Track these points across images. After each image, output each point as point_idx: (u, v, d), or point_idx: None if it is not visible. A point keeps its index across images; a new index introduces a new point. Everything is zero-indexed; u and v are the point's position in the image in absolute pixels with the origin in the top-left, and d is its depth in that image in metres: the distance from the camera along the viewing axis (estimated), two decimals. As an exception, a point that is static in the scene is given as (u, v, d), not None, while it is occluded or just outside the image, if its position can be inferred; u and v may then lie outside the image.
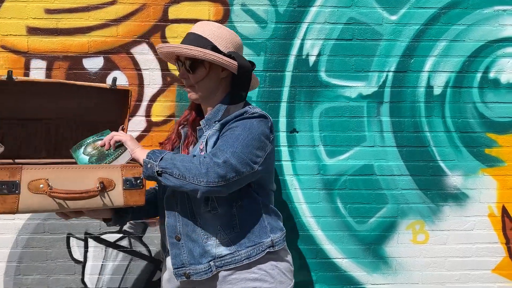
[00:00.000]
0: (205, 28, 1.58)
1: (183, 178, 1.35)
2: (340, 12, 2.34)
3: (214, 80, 1.57)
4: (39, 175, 1.30)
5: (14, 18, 2.26)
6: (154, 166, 1.38)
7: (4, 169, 1.25)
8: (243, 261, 1.49)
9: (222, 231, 1.50)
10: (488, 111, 2.43)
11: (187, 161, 1.37)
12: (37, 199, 1.30)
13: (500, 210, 2.50)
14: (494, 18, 2.36)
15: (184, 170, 1.35)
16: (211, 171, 1.33)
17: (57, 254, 2.43)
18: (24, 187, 1.27)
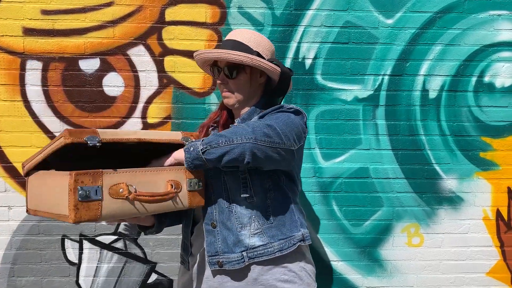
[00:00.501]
0: (245, 35, 1.59)
1: (230, 142, 1.34)
2: (336, 15, 2.35)
3: (254, 85, 1.60)
4: (118, 179, 1.25)
5: (10, 19, 2.26)
6: (197, 145, 1.37)
7: (86, 174, 1.19)
8: (276, 253, 1.50)
9: (256, 221, 1.51)
10: (483, 115, 2.44)
11: (234, 128, 1.39)
12: (117, 204, 1.25)
13: (494, 213, 2.51)
14: (489, 22, 2.38)
15: (231, 135, 1.35)
16: (257, 129, 1.35)
17: (52, 256, 2.42)
18: (105, 192, 1.22)
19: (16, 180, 2.36)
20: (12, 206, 2.37)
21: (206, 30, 2.32)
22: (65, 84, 2.32)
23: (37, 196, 1.34)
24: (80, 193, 1.17)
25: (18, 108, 2.32)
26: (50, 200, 1.26)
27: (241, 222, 1.50)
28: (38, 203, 1.33)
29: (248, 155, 1.35)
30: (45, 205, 1.29)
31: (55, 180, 1.24)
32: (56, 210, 1.23)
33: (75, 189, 1.17)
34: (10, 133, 2.33)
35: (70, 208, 1.17)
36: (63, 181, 1.19)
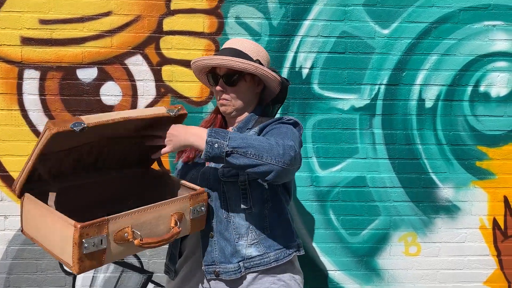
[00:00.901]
0: (243, 43, 1.61)
1: (258, 158, 1.29)
2: (333, 25, 2.36)
3: (252, 93, 1.60)
4: (123, 224, 1.20)
5: (8, 28, 2.26)
6: (223, 146, 1.29)
7: (92, 225, 1.13)
8: (272, 263, 1.50)
9: (253, 232, 1.51)
10: (479, 124, 2.45)
11: (262, 141, 1.32)
12: (121, 248, 1.21)
13: (491, 222, 2.51)
14: (484, 33, 2.40)
15: (262, 150, 1.29)
16: (286, 153, 1.31)
17: (48, 266, 2.40)
18: (111, 239, 1.18)
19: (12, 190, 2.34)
20: (8, 216, 2.36)
21: (204, 39, 2.33)
22: (62, 93, 2.32)
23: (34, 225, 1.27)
24: (86, 246, 1.12)
25: (15, 117, 2.32)
26: (51, 239, 1.21)
27: (238, 232, 1.50)
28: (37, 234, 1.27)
29: (272, 176, 1.31)
30: (44, 240, 1.24)
31: (57, 224, 1.17)
32: (58, 252, 1.19)
33: (80, 243, 1.11)
34: (6, 142, 2.32)
35: (74, 261, 1.12)
36: (66, 229, 1.13)
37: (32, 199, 1.28)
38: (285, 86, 1.60)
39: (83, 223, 1.11)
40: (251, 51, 1.58)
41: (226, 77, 1.55)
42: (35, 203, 1.27)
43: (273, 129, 1.49)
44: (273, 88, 1.60)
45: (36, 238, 1.28)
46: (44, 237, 1.24)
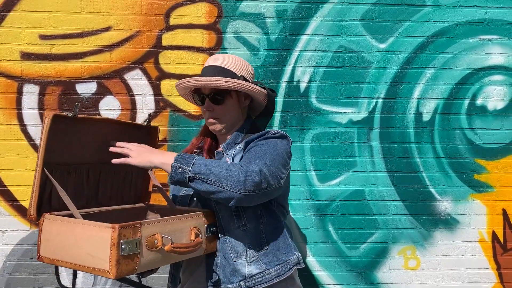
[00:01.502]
0: (226, 60, 1.59)
1: (219, 185, 1.32)
2: (330, 40, 2.39)
3: (239, 109, 1.60)
4: (154, 230, 1.24)
5: (8, 43, 2.28)
6: (185, 171, 1.33)
7: (128, 226, 1.16)
8: (274, 279, 1.48)
9: (251, 249, 1.49)
10: (476, 137, 2.47)
11: (224, 168, 1.34)
12: (152, 255, 1.23)
13: (490, 235, 2.51)
14: (479, 47, 2.43)
15: (222, 177, 1.32)
16: (249, 179, 1.32)
17: (45, 281, 2.38)
18: (143, 244, 1.21)
19: (11, 204, 2.34)
20: (6, 230, 2.35)
21: (202, 54, 2.35)
22: (61, 107, 2.33)
23: (57, 245, 1.27)
24: (123, 248, 1.15)
25: (14, 132, 2.32)
26: (79, 252, 1.21)
27: (236, 251, 1.49)
28: (59, 253, 1.27)
29: (234, 202, 1.35)
30: (70, 257, 1.24)
31: (90, 231, 1.19)
32: (89, 263, 1.19)
33: (118, 243, 1.13)
34: (5, 156, 2.32)
35: (112, 264, 1.13)
36: (103, 233, 1.15)
37: (55, 217, 1.30)
38: (272, 98, 1.59)
39: (121, 224, 1.15)
40: (234, 67, 1.57)
41: (212, 96, 1.54)
42: (59, 220, 1.28)
43: (254, 146, 1.49)
44: (260, 101, 1.60)
45: (60, 258, 1.27)
46: (71, 253, 1.24)
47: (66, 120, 1.31)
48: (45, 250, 1.31)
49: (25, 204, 2.34)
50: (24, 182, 2.33)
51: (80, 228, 1.22)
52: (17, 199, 2.34)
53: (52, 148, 1.31)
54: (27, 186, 2.33)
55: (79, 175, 1.47)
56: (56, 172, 1.36)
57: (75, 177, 1.45)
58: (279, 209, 1.60)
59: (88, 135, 1.45)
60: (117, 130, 1.54)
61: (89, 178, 1.50)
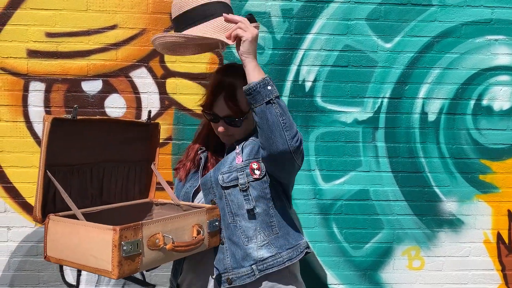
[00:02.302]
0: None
1: (283, 130, 1.35)
2: (336, 39, 2.38)
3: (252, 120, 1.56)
4: (155, 230, 1.26)
5: (15, 41, 2.29)
6: (273, 92, 1.35)
7: (129, 228, 1.19)
8: (285, 262, 1.49)
9: (262, 233, 1.50)
10: (482, 137, 2.46)
11: (292, 120, 1.39)
12: (154, 254, 1.26)
13: (495, 236, 2.50)
14: (486, 47, 2.42)
15: (289, 124, 1.36)
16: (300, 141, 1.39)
17: (50, 278, 2.39)
18: (144, 244, 1.23)
19: (16, 201, 2.35)
20: (12, 227, 2.36)
21: (208, 53, 2.35)
22: (67, 105, 2.34)
23: (62, 245, 1.30)
24: (125, 249, 1.17)
25: (20, 129, 2.33)
26: (83, 253, 1.24)
27: (246, 235, 1.50)
28: (65, 253, 1.30)
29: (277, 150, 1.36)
30: (75, 257, 1.27)
31: (93, 233, 1.22)
32: (93, 263, 1.22)
33: (119, 245, 1.16)
34: (11, 153, 2.33)
35: (114, 265, 1.16)
36: (104, 235, 1.18)
37: (59, 218, 1.32)
38: None
39: (121, 226, 1.17)
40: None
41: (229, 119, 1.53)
42: (63, 221, 1.31)
43: None
44: None
45: (65, 259, 1.30)
46: (75, 254, 1.27)
47: (66, 123, 1.33)
48: (51, 250, 1.34)
49: (31, 201, 2.35)
50: (30, 179, 2.34)
51: (83, 230, 1.25)
52: (22, 196, 2.35)
53: (54, 150, 1.33)
54: (32, 183, 2.34)
55: (83, 175, 1.48)
56: (59, 173, 1.38)
57: (79, 177, 1.47)
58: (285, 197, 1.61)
59: (89, 136, 1.46)
60: (119, 129, 1.56)
61: (92, 177, 1.52)
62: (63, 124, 1.33)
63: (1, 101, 2.32)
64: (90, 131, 1.46)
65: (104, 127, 1.51)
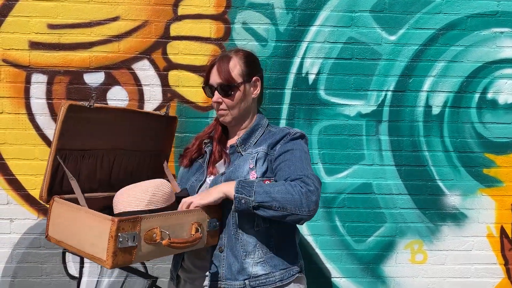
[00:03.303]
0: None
1: (284, 210, 1.38)
2: (340, 31, 2.36)
3: (247, 100, 1.62)
4: (153, 224, 1.27)
5: (17, 33, 2.28)
6: (249, 202, 1.39)
7: (127, 220, 1.20)
8: (277, 283, 1.50)
9: (260, 250, 1.51)
10: (486, 131, 2.44)
11: (284, 192, 1.40)
12: (149, 248, 1.27)
13: (498, 230, 2.49)
14: (491, 40, 2.39)
15: (284, 202, 1.38)
16: (310, 201, 1.39)
17: (53, 270, 2.40)
18: (141, 237, 1.24)
19: (19, 193, 2.35)
20: (14, 219, 2.36)
21: (211, 45, 2.34)
22: (69, 97, 2.33)
23: (63, 227, 1.33)
24: (121, 240, 1.18)
25: (22, 121, 2.33)
26: (82, 238, 1.26)
27: (246, 250, 1.50)
28: (65, 236, 1.32)
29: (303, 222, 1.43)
30: (73, 241, 1.29)
31: (92, 221, 1.24)
32: (89, 250, 1.24)
33: (116, 236, 1.17)
34: (13, 145, 2.33)
35: (109, 254, 1.18)
36: (103, 224, 1.20)
37: (62, 201, 1.35)
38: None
39: (120, 218, 1.19)
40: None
41: (221, 88, 1.56)
42: (67, 205, 1.33)
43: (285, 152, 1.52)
44: None
45: (64, 241, 1.33)
46: (74, 238, 1.29)
47: (82, 109, 1.36)
48: (52, 231, 1.37)
49: (33, 193, 2.35)
50: (32, 171, 2.34)
51: (84, 216, 1.27)
52: (25, 188, 2.35)
53: (67, 134, 1.35)
54: (35, 176, 2.34)
55: (93, 160, 1.50)
56: (69, 157, 1.40)
57: (89, 162, 1.48)
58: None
59: (104, 124, 1.48)
60: (134, 120, 1.57)
61: (103, 163, 1.53)
62: (79, 111, 1.36)
63: (3, 93, 2.31)
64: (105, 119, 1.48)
65: (120, 116, 1.53)
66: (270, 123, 1.69)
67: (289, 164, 1.50)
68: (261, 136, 1.61)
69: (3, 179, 2.35)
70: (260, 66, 1.68)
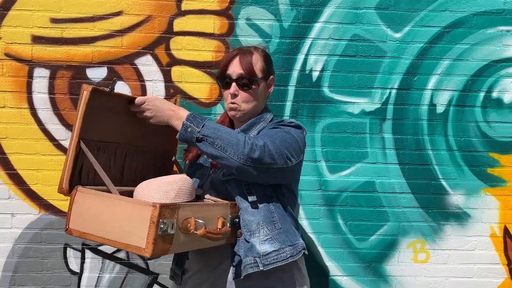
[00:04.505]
0: None
1: (223, 151, 1.37)
2: (344, 28, 2.35)
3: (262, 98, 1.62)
4: (188, 214, 1.24)
5: (19, 27, 2.27)
6: (194, 131, 1.38)
7: (168, 207, 1.17)
8: (288, 258, 1.48)
9: (264, 227, 1.49)
10: (491, 130, 2.42)
11: (232, 135, 1.38)
12: (184, 238, 1.24)
13: (502, 230, 2.47)
14: (497, 38, 2.37)
15: (227, 143, 1.37)
16: (252, 150, 1.37)
17: (53, 265, 2.39)
18: (178, 226, 1.21)
19: (20, 188, 2.35)
20: (16, 214, 2.36)
21: (214, 41, 2.32)
22: (72, 92, 2.32)
23: (89, 218, 1.27)
24: (161, 227, 1.15)
25: (24, 115, 2.32)
26: (115, 227, 1.21)
27: (249, 229, 1.48)
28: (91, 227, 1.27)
29: (235, 170, 1.40)
30: (103, 231, 1.24)
31: (129, 207, 1.20)
32: (123, 239, 1.19)
33: (157, 222, 1.14)
34: (15, 140, 2.32)
35: (149, 241, 1.14)
36: (142, 211, 1.16)
37: (90, 190, 1.30)
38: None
39: (162, 204, 1.16)
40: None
41: (241, 80, 1.55)
42: (94, 194, 1.28)
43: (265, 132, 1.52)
44: None
45: (91, 232, 1.27)
46: (103, 228, 1.24)
47: (103, 95, 1.32)
48: (75, 223, 1.31)
49: (35, 188, 2.34)
50: (34, 166, 2.33)
51: (118, 204, 1.22)
52: (26, 183, 2.34)
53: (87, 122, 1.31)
54: (36, 170, 2.33)
55: (108, 154, 1.45)
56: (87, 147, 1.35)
57: (104, 155, 1.44)
58: (290, 196, 1.59)
59: (120, 114, 1.44)
60: None
61: (116, 158, 1.49)
62: (100, 97, 1.32)
63: (6, 87, 2.30)
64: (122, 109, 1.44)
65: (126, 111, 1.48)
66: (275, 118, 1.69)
67: (264, 132, 1.51)
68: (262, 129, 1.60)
69: (5, 174, 2.34)
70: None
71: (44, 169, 2.33)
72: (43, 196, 2.34)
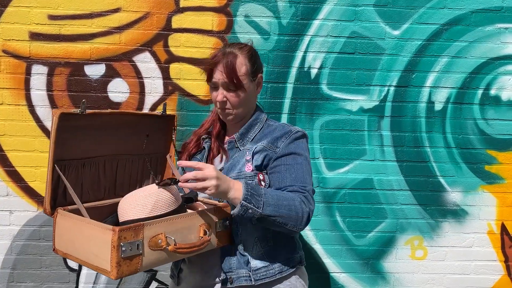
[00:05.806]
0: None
1: (283, 225, 1.39)
2: (343, 25, 2.34)
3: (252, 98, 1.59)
4: (157, 230, 1.24)
5: (17, 23, 2.26)
6: (256, 212, 1.33)
7: (129, 229, 1.17)
8: (276, 275, 1.50)
9: (258, 244, 1.50)
10: (489, 128, 2.43)
11: (292, 209, 1.38)
12: (156, 255, 1.24)
13: (499, 227, 2.48)
14: (495, 35, 2.37)
15: (288, 219, 1.38)
16: (308, 220, 1.42)
17: (52, 262, 2.40)
18: (146, 245, 1.21)
19: (18, 185, 2.34)
20: (14, 211, 2.36)
21: (212, 38, 2.32)
22: (70, 89, 2.31)
23: (68, 240, 1.30)
24: (123, 250, 1.15)
25: (22, 112, 2.31)
26: (86, 250, 1.24)
27: (245, 243, 1.50)
28: (70, 248, 1.30)
29: (289, 234, 1.49)
30: (79, 253, 1.27)
31: (94, 231, 1.21)
32: (94, 261, 1.21)
33: (118, 246, 1.14)
34: (13, 137, 2.32)
35: (113, 265, 1.15)
36: (104, 235, 1.17)
37: (65, 213, 1.32)
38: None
39: (121, 227, 1.16)
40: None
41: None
42: (70, 217, 1.30)
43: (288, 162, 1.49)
44: None
45: (70, 253, 1.30)
46: (79, 250, 1.26)
47: (75, 117, 1.31)
48: (58, 244, 1.35)
49: (33, 185, 2.34)
50: (32, 163, 2.33)
51: (86, 227, 1.24)
52: (24, 180, 2.34)
53: (64, 144, 1.32)
54: (35, 167, 2.33)
55: (95, 168, 1.47)
56: (69, 167, 1.37)
57: (91, 170, 1.45)
58: None
59: (100, 129, 1.44)
60: (132, 122, 1.53)
61: (106, 170, 1.50)
62: (72, 119, 1.31)
63: (3, 84, 2.29)
64: (101, 124, 1.43)
65: (116, 120, 1.48)
66: (269, 118, 1.67)
67: (290, 170, 1.48)
68: (260, 131, 1.59)
69: (3, 171, 2.34)
70: (261, 61, 1.66)
71: (42, 166, 2.33)
72: (41, 193, 2.34)
